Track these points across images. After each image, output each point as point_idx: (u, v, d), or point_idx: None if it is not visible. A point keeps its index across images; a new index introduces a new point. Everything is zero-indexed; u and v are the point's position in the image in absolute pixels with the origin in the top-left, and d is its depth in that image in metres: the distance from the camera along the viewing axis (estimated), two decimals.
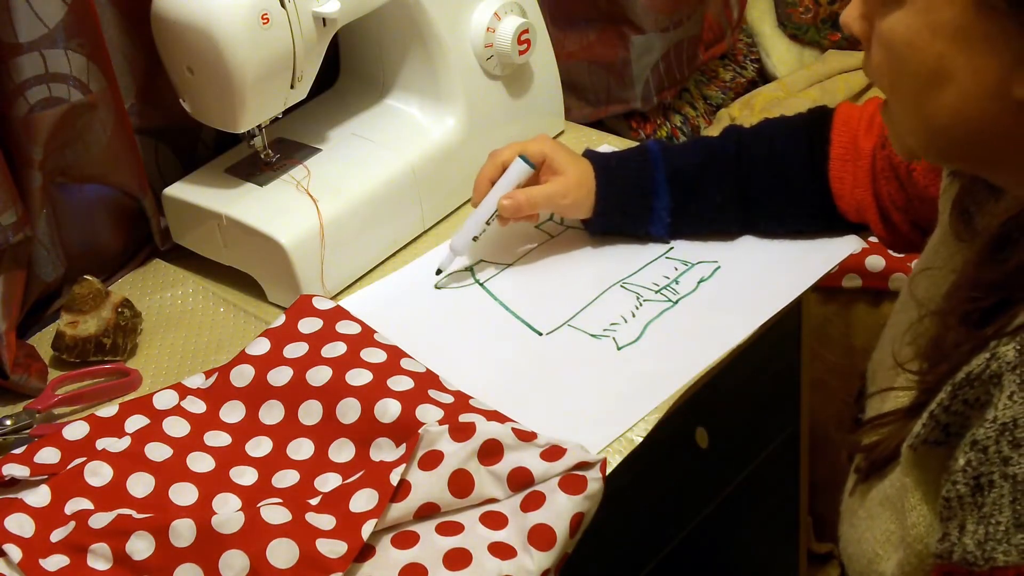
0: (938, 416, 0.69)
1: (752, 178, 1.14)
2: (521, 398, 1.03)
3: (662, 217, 1.16)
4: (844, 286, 1.54)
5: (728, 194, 1.14)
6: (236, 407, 1.04)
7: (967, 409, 0.68)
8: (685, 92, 1.72)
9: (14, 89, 1.08)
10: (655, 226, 1.17)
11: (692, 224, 1.18)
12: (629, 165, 1.17)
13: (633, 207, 1.16)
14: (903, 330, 0.82)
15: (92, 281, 1.15)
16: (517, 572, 0.88)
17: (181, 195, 1.22)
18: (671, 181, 1.15)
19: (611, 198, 1.16)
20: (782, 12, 1.91)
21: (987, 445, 0.65)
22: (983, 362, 0.66)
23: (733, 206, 1.15)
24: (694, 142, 1.20)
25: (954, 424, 0.68)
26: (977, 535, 0.65)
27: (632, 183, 1.15)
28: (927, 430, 0.70)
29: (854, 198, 1.11)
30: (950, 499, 0.67)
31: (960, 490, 0.66)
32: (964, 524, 0.66)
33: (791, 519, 1.48)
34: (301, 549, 0.87)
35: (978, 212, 0.78)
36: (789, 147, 1.13)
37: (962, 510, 0.66)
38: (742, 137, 1.16)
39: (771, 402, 1.33)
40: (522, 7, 1.30)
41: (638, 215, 1.17)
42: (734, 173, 1.14)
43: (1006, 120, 0.68)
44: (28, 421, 1.06)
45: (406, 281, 1.20)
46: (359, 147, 1.25)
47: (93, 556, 0.91)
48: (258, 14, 1.08)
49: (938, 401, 0.69)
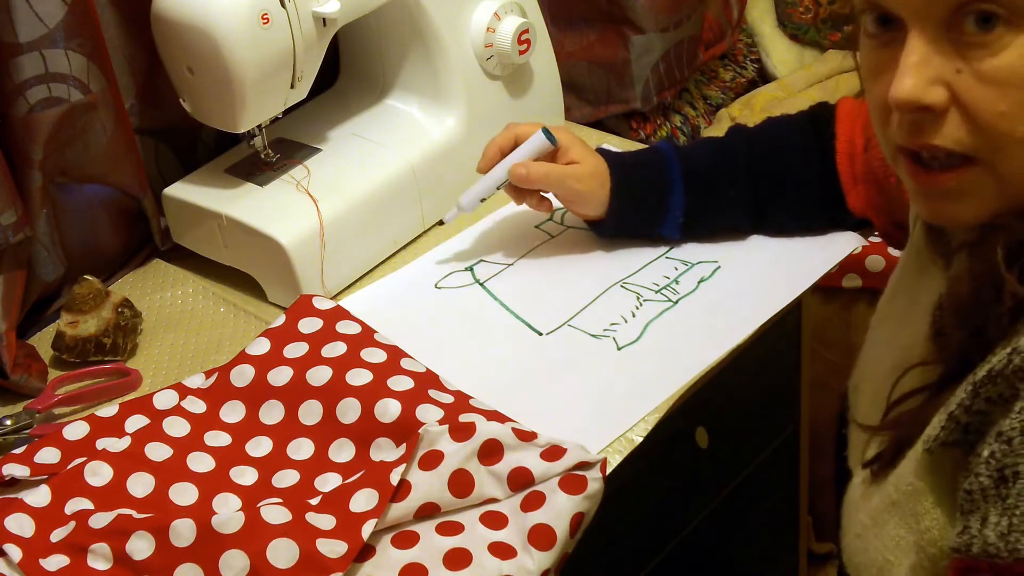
0: (958, 416, 0.68)
1: (764, 174, 1.14)
2: (521, 398, 1.03)
3: (676, 216, 1.16)
4: (844, 286, 1.54)
5: (741, 191, 1.14)
6: (236, 407, 1.04)
7: (990, 406, 0.67)
8: (685, 92, 1.72)
9: (14, 89, 1.08)
10: (668, 227, 1.17)
11: (705, 223, 1.17)
12: (644, 164, 1.16)
13: (648, 206, 1.16)
14: (888, 368, 0.81)
15: (92, 281, 1.15)
16: (517, 572, 0.87)
17: (181, 195, 1.22)
18: (686, 180, 1.14)
19: (626, 196, 1.15)
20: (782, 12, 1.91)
21: (1012, 436, 0.64)
22: (1004, 357, 0.66)
23: (746, 203, 1.15)
24: (703, 142, 1.19)
25: (975, 423, 0.68)
26: (1000, 527, 0.64)
27: (648, 181, 1.15)
28: (946, 432, 0.69)
29: (860, 192, 1.11)
30: (972, 491, 0.66)
31: (983, 482, 0.65)
32: (987, 516, 0.65)
33: (791, 519, 1.48)
34: (301, 549, 0.87)
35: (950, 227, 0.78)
36: (798, 143, 1.14)
37: (985, 502, 0.65)
38: (749, 135, 1.16)
39: (771, 402, 1.33)
40: (522, 7, 1.30)
41: (652, 215, 1.16)
42: (746, 170, 1.14)
43: None
44: (28, 421, 1.06)
45: (406, 281, 1.20)
46: (359, 147, 1.25)
47: (93, 556, 0.91)
48: (258, 14, 1.08)
49: (958, 402, 0.68)
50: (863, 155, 1.09)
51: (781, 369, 1.31)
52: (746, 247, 1.18)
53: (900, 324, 0.85)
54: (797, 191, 1.14)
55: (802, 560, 1.54)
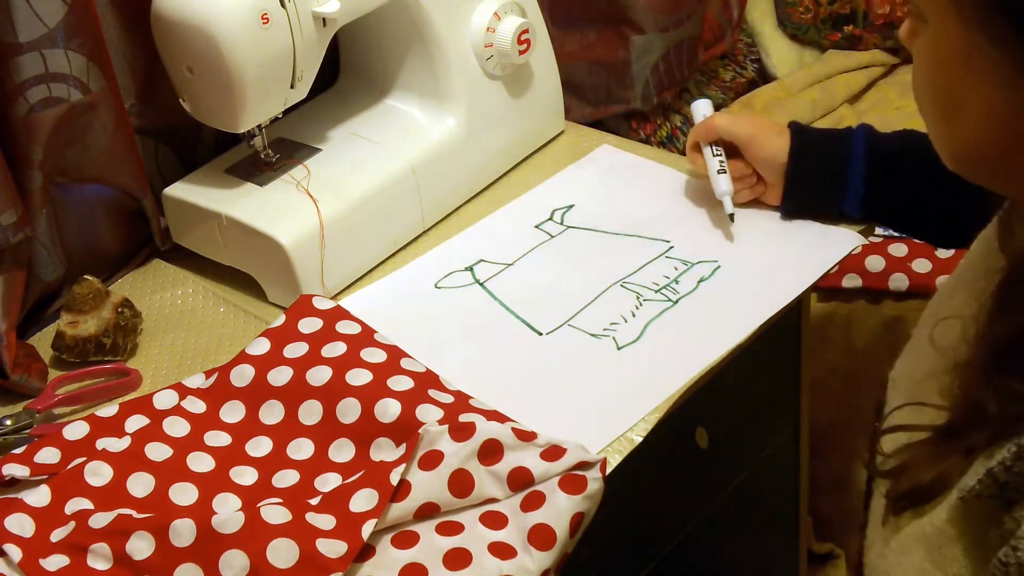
0: (997, 474, 0.67)
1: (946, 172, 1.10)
2: (521, 398, 1.03)
3: (857, 189, 1.14)
4: (844, 286, 1.54)
5: (928, 177, 1.05)
6: (236, 407, 1.04)
7: None
8: (685, 92, 1.72)
9: (14, 89, 1.08)
10: (849, 200, 1.15)
11: (889, 201, 1.15)
12: (828, 136, 1.16)
13: (827, 173, 1.15)
14: (925, 371, 0.80)
15: (92, 281, 1.15)
16: (517, 572, 0.88)
17: (181, 195, 1.22)
18: (869, 154, 1.14)
19: (805, 159, 1.15)
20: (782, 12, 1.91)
21: None
22: None
23: (933, 192, 1.10)
24: (900, 131, 1.17)
25: (1013, 483, 0.67)
26: None
27: (829, 142, 1.15)
28: (982, 486, 0.68)
29: None
30: (1008, 564, 0.65)
31: (1021, 557, 0.64)
32: None
33: (791, 519, 1.48)
34: (301, 549, 0.87)
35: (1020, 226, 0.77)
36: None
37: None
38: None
39: (771, 402, 1.33)
40: (522, 7, 1.30)
41: (832, 184, 1.15)
42: (933, 160, 1.09)
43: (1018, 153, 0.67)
44: (28, 421, 1.06)
45: (406, 281, 1.20)
46: (359, 147, 1.25)
47: (93, 556, 0.91)
48: (258, 14, 1.08)
49: (999, 460, 0.67)
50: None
51: (781, 369, 1.31)
52: (746, 247, 1.18)
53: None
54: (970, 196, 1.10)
55: (802, 560, 1.54)
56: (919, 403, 0.79)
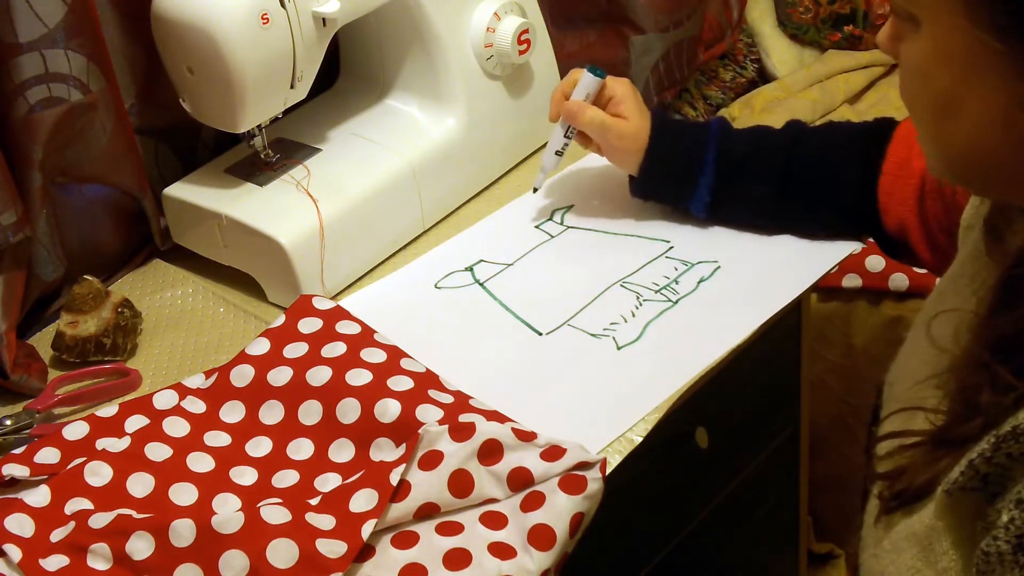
0: (978, 466, 0.67)
1: (798, 175, 1.14)
2: (521, 398, 1.03)
3: (703, 196, 1.17)
4: (844, 286, 1.54)
5: (770, 185, 1.14)
6: (236, 407, 1.04)
7: (1010, 462, 0.66)
8: (685, 92, 1.72)
9: (14, 89, 1.08)
10: (695, 204, 1.18)
11: (730, 208, 1.18)
12: (685, 137, 1.18)
13: (678, 180, 1.18)
14: (922, 371, 0.80)
15: (92, 281, 1.15)
16: (517, 572, 0.87)
17: (181, 195, 1.22)
18: (719, 161, 1.15)
19: (657, 165, 1.17)
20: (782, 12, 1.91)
21: None
22: None
23: (771, 202, 1.15)
24: (753, 130, 1.20)
25: (994, 475, 0.67)
26: None
27: (683, 157, 1.17)
28: (965, 478, 0.68)
29: (898, 215, 1.09)
30: (989, 554, 0.65)
31: (1001, 547, 0.64)
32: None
33: (791, 519, 1.48)
34: (301, 549, 0.87)
35: (1008, 230, 0.77)
36: (843, 153, 1.13)
37: (1001, 566, 0.65)
38: (801, 136, 1.16)
39: (771, 402, 1.33)
40: (522, 7, 1.30)
41: (680, 190, 1.18)
42: (781, 166, 1.14)
43: (1021, 150, 0.67)
44: (28, 421, 1.06)
45: (406, 281, 1.20)
46: (359, 147, 1.25)
47: (93, 556, 0.91)
48: (258, 14, 1.08)
49: (979, 451, 0.67)
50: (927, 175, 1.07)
51: (781, 369, 1.31)
52: (746, 247, 1.18)
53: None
54: (828, 200, 1.13)
55: (802, 560, 1.54)
56: (914, 408, 0.79)
